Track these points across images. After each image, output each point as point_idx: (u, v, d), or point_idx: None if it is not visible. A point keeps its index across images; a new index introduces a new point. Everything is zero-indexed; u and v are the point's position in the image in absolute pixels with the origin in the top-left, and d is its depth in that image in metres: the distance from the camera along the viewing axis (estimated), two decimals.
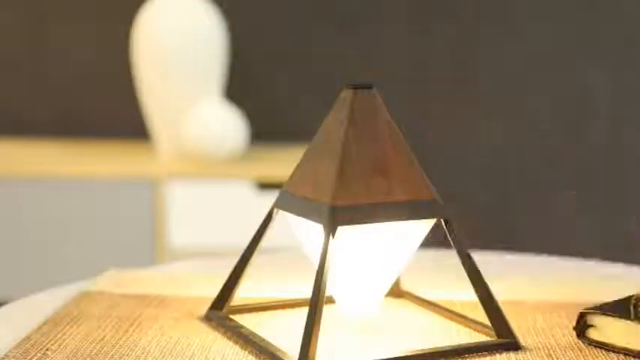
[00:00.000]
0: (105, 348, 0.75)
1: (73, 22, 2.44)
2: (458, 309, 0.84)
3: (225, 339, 0.77)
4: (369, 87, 0.77)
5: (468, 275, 0.77)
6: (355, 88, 0.77)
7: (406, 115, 2.41)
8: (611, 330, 0.75)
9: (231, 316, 0.82)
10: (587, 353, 0.75)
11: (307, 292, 0.75)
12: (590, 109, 2.42)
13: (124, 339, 0.77)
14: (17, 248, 2.12)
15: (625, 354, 0.74)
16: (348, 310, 0.80)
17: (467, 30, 2.42)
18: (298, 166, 0.79)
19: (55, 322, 0.80)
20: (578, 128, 2.43)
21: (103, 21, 2.43)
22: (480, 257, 0.85)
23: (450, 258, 0.82)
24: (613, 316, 0.74)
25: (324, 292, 0.71)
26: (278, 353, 0.72)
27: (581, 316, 0.76)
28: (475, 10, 2.41)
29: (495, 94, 2.43)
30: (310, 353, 0.69)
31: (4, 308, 0.86)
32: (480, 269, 0.77)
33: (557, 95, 2.43)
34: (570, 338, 0.78)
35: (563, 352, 0.75)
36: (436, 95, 2.43)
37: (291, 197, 0.78)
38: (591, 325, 0.76)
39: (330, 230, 0.72)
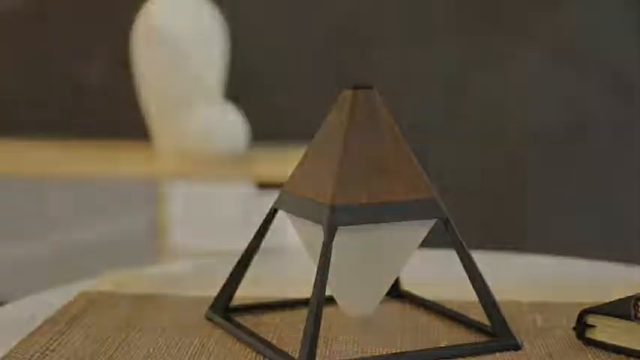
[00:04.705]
0: (105, 348, 0.75)
1: (73, 22, 2.44)
2: (458, 309, 0.84)
3: (225, 339, 0.77)
4: (369, 87, 0.77)
5: (468, 275, 0.77)
6: (355, 88, 0.77)
7: (406, 115, 2.41)
8: (611, 330, 0.75)
9: (231, 316, 0.82)
10: (587, 353, 0.75)
11: (307, 292, 0.75)
12: (589, 109, 2.42)
13: (124, 339, 0.77)
14: (17, 248, 2.12)
15: (625, 354, 0.74)
16: (348, 310, 0.80)
17: (466, 30, 2.42)
18: (298, 166, 0.79)
19: (55, 322, 0.80)
20: (577, 128, 2.43)
21: (103, 20, 2.43)
22: (479, 257, 0.85)
23: (450, 258, 0.82)
24: (613, 316, 0.74)
25: (324, 292, 0.71)
26: (278, 353, 0.72)
27: (581, 316, 0.76)
28: (474, 11, 2.41)
29: (495, 94, 2.43)
30: (310, 353, 0.69)
31: (4, 308, 0.86)
32: (480, 269, 0.77)
33: (557, 95, 2.43)
34: (570, 338, 0.78)
35: (563, 352, 0.75)
36: (436, 95, 2.44)
37: (291, 197, 0.78)
38: (591, 325, 0.76)
39: (330, 230, 0.72)
